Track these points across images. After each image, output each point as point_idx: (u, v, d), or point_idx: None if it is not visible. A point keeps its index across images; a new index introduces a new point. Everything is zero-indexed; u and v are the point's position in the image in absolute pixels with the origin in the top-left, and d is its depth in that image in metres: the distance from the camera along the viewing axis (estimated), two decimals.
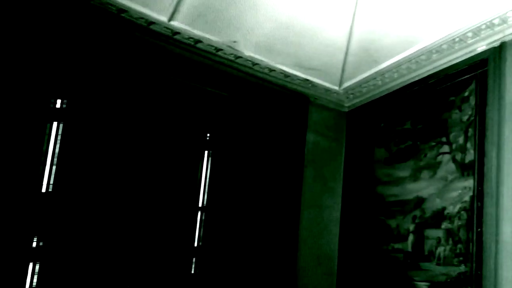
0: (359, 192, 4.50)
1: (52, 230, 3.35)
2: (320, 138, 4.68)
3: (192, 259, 3.91)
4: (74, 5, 3.26)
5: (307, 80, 4.34)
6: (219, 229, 4.00)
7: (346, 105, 4.78)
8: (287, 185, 4.47)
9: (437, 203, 3.61)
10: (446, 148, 3.63)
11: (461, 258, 3.31)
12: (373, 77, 4.18)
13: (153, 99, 3.75)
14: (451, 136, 3.60)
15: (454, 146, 3.56)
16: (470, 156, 3.39)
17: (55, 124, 3.50)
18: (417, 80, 3.96)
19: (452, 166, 3.55)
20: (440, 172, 3.64)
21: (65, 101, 3.50)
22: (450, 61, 3.62)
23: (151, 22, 3.45)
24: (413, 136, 3.96)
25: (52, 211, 3.38)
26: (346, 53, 3.91)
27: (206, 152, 4.06)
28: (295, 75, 4.27)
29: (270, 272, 4.17)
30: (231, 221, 4.05)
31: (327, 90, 4.52)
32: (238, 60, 3.95)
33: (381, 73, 4.09)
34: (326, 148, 4.70)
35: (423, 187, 3.77)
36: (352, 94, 4.56)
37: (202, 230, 3.95)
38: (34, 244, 3.33)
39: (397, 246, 3.95)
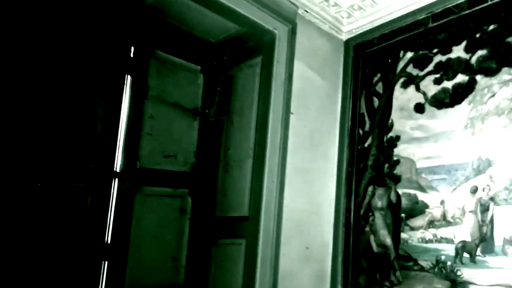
0: (365, 154, 3.04)
1: None
2: (310, 73, 3.14)
3: None
4: None
5: None
6: None
7: (345, 29, 3.28)
8: None
9: None
10: None
11: None
12: None
13: None
14: None
15: None
16: None
17: None
18: None
19: None
20: None
21: None
22: None
23: None
24: (470, 68, 2.61)
25: None
26: None
27: None
28: None
29: None
30: None
31: None
32: None
33: None
34: (317, 89, 3.17)
35: (491, 144, 2.45)
36: (360, 9, 3.06)
37: None
38: None
39: (441, 233, 2.59)
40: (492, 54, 2.51)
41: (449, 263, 2.49)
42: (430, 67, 2.79)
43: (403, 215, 2.77)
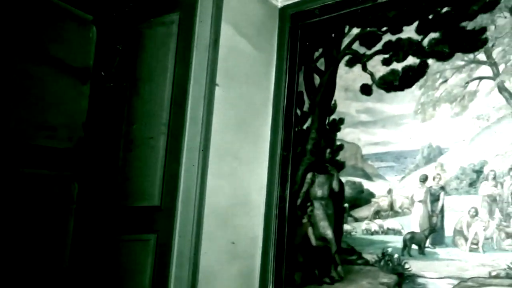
0: (304, 137, 2.72)
1: None
2: (240, 40, 2.68)
3: None
4: None
5: None
6: None
7: None
8: None
9: (470, 156, 2.25)
10: (485, 71, 2.30)
11: None
12: None
13: None
14: (495, 51, 2.28)
15: (502, 67, 2.26)
16: None
17: None
18: None
19: (497, 98, 2.24)
20: (475, 107, 2.29)
21: None
22: None
23: None
24: (421, 50, 2.47)
25: None
26: None
27: None
28: None
29: None
30: None
31: None
32: None
33: None
34: (248, 60, 2.73)
35: (442, 131, 2.35)
36: None
37: None
38: None
39: (388, 224, 2.41)
40: (445, 38, 2.40)
41: (396, 255, 2.32)
42: (379, 46, 2.58)
43: (346, 205, 2.52)
